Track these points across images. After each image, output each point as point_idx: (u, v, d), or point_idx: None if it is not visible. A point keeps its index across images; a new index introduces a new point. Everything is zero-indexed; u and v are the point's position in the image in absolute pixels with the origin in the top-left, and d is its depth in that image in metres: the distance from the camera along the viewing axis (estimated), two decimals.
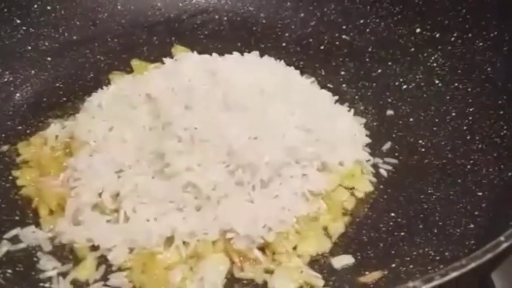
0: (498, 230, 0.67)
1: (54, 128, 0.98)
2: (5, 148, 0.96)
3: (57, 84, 1.10)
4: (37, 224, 0.85)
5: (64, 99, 1.07)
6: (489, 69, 0.98)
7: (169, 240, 0.80)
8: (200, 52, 1.19)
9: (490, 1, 0.99)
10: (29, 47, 1.12)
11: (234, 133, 0.86)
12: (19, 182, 0.91)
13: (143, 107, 0.93)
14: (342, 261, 0.82)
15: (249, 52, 1.20)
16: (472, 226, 0.79)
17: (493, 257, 0.52)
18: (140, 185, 0.82)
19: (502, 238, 0.55)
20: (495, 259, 0.54)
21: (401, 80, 1.11)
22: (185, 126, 0.85)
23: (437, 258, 0.77)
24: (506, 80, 0.94)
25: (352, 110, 1.05)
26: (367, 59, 1.17)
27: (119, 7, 1.24)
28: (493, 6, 0.98)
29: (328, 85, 1.14)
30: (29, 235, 0.82)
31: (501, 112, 0.91)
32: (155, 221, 0.80)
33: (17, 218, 0.86)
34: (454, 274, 0.50)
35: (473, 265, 0.51)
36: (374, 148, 0.99)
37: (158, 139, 0.87)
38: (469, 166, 0.90)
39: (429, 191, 0.90)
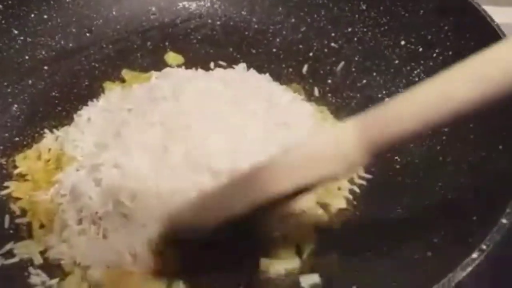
0: (451, 264, 0.73)
1: (47, 140, 1.04)
2: (3, 160, 1.02)
3: (53, 93, 1.15)
4: (30, 237, 0.92)
5: (59, 108, 1.12)
6: None
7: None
8: (192, 58, 1.25)
9: (470, 23, 1.00)
10: (27, 57, 1.17)
11: (213, 143, 0.90)
12: (14, 195, 0.97)
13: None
14: (310, 280, 0.87)
15: (239, 57, 1.25)
16: (429, 254, 0.83)
17: None
18: (119, 204, 0.88)
19: None
20: None
21: (384, 92, 1.13)
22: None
23: (394, 284, 0.81)
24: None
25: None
26: (353, 69, 1.20)
27: (114, 13, 1.28)
28: (473, 27, 0.99)
29: (315, 93, 1.18)
30: (22, 249, 0.89)
31: (471, 137, 0.94)
32: (128, 240, 0.86)
33: (11, 231, 0.93)
34: None
35: None
36: None
37: None
38: (437, 188, 0.93)
39: (398, 210, 0.94)
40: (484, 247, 0.66)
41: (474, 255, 0.65)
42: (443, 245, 0.82)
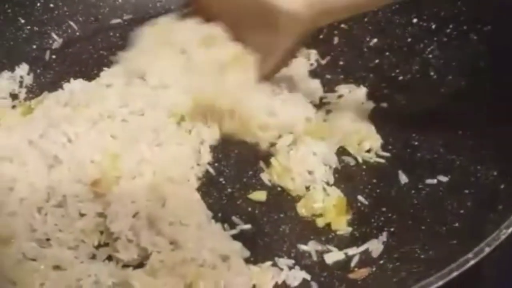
0: (480, 232, 0.72)
1: None
2: None
3: (62, 82, 1.13)
4: None
5: None
6: (481, 63, 0.99)
7: None
8: None
9: None
10: (34, 46, 1.16)
11: None
12: None
13: None
14: (334, 257, 0.86)
15: None
16: (456, 225, 0.82)
17: (460, 274, 0.56)
18: None
19: (470, 255, 0.59)
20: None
21: (397, 71, 1.13)
22: None
23: (422, 256, 0.80)
24: (496, 76, 0.95)
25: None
26: (365, 49, 1.19)
27: (120, 1, 1.27)
28: (487, 1, 0.99)
29: (327, 76, 1.16)
30: None
31: (491, 109, 0.93)
32: None
33: None
34: None
35: (440, 283, 0.55)
36: None
37: None
38: (458, 162, 0.93)
39: (419, 186, 0.93)
40: None
41: None
42: (471, 215, 0.82)
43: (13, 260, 0.76)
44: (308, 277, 0.83)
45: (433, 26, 1.10)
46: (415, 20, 1.13)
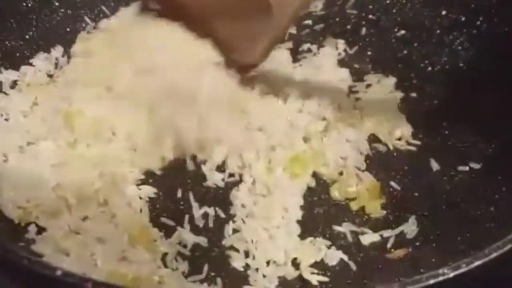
0: None
1: None
2: None
3: None
4: None
5: None
6: None
7: None
8: None
9: None
10: (68, 29, 1.17)
11: None
12: None
13: None
14: (369, 238, 0.88)
15: None
16: (492, 209, 0.84)
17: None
18: None
19: None
20: None
21: (426, 62, 1.14)
22: None
23: (459, 238, 0.82)
24: None
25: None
26: (393, 40, 1.20)
27: None
28: None
29: (355, 65, 1.18)
30: None
31: None
32: None
33: None
34: (478, 262, 0.56)
35: (495, 254, 0.56)
36: None
37: None
38: (490, 150, 0.95)
39: (452, 173, 0.95)
40: None
41: None
42: (507, 200, 0.83)
43: (63, 232, 0.77)
44: (345, 257, 0.85)
45: (463, 19, 1.12)
46: (444, 12, 1.15)
